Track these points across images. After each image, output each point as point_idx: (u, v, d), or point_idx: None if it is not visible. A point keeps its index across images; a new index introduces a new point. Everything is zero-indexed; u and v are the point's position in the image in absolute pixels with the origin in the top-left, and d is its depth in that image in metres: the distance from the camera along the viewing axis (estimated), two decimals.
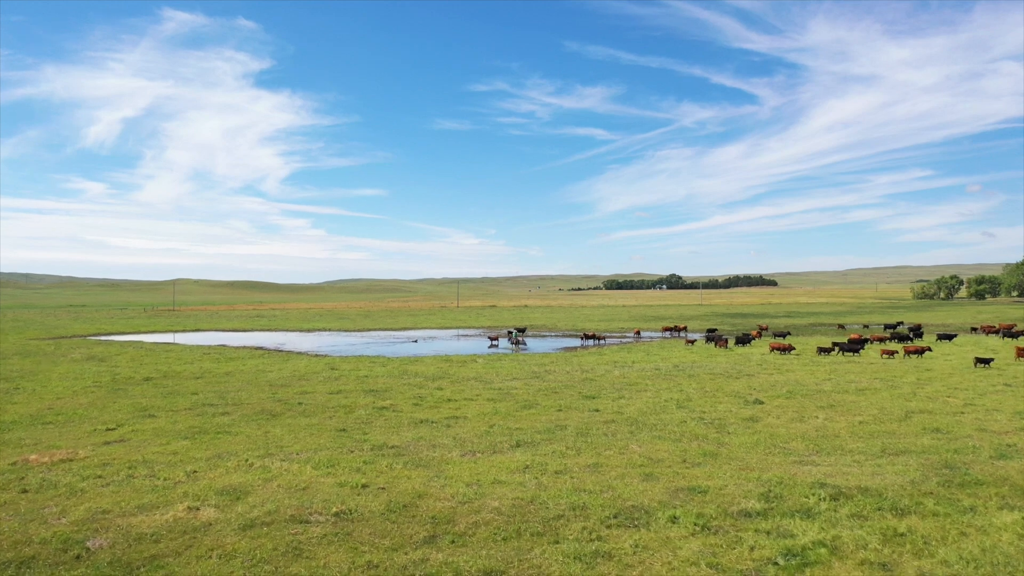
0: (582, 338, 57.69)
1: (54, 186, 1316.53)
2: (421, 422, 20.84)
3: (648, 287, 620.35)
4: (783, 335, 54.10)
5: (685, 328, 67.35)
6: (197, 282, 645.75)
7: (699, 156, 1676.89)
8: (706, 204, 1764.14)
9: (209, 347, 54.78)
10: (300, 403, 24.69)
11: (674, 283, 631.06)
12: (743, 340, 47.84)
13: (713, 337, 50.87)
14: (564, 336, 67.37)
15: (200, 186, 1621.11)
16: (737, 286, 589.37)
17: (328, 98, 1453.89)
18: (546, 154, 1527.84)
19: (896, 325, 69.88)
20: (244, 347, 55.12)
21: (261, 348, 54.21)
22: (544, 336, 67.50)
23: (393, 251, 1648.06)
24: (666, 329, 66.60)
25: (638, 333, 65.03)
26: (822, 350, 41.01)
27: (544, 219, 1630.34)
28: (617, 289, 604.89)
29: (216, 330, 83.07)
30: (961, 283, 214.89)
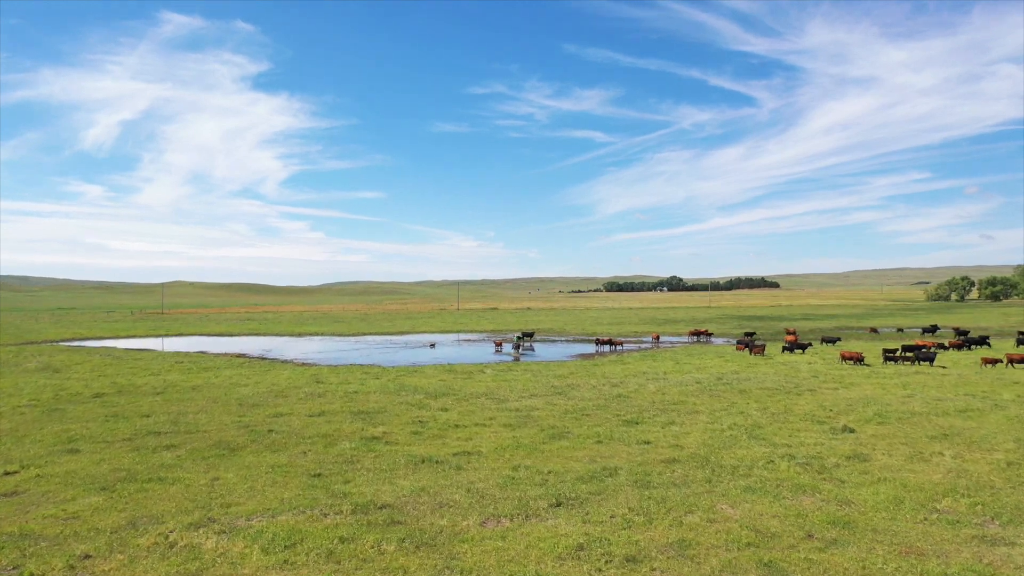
0: (596, 344, 52.77)
1: (53, 189, 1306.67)
2: (423, 461, 15.84)
3: (649, 289, 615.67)
4: (832, 340, 48.70)
5: (710, 333, 62.30)
6: (193, 284, 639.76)
7: (698, 158, 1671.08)
8: (705, 206, 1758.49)
9: (186, 354, 49.76)
10: (270, 430, 19.68)
11: (675, 285, 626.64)
12: (796, 347, 42.74)
13: (747, 342, 45.80)
14: (575, 341, 62.38)
15: (198, 189, 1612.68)
16: (739, 288, 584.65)
17: (326, 101, 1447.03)
18: (544, 156, 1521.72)
19: (933, 329, 64.90)
20: (224, 354, 50.10)
21: (243, 355, 49.20)
22: (554, 341, 62.51)
23: (392, 253, 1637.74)
24: (693, 333, 61.59)
25: (657, 338, 60.03)
26: (889, 359, 36.17)
27: (543, 221, 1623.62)
28: (618, 291, 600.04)
29: (200, 334, 77.97)
30: (972, 284, 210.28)
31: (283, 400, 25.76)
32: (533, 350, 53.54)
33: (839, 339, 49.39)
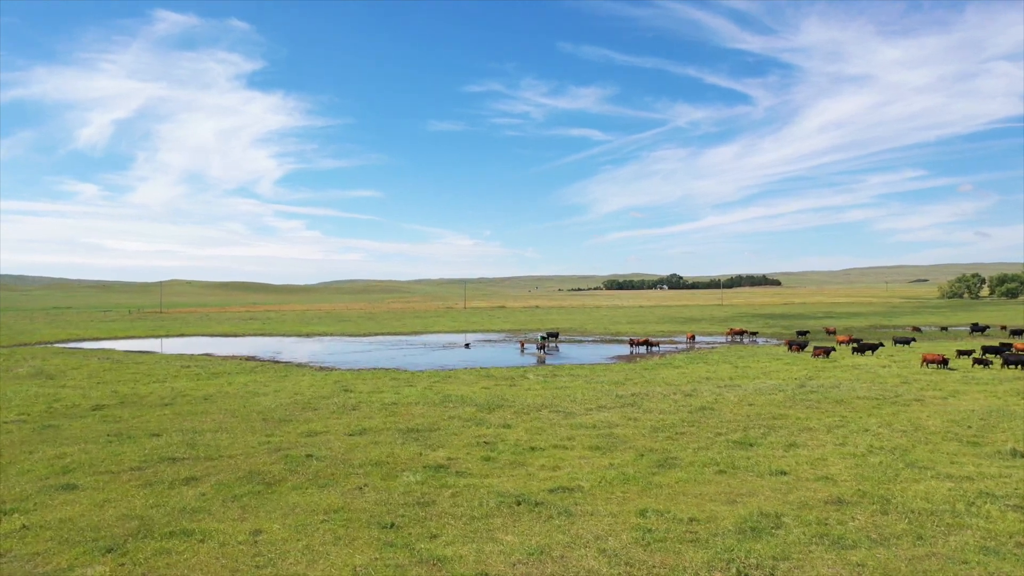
0: (631, 344, 49.32)
1: (48, 188, 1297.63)
2: (517, 502, 12.40)
3: (649, 287, 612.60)
4: (906, 341, 45.00)
5: (754, 332, 58.59)
6: (190, 283, 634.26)
7: (693, 157, 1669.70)
8: (701, 205, 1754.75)
9: (191, 357, 46.20)
10: (309, 456, 16.21)
11: (675, 283, 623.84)
12: (866, 347, 39.37)
13: (801, 343, 42.33)
14: (602, 342, 58.95)
15: (194, 188, 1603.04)
16: (740, 286, 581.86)
17: (322, 99, 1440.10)
18: (541, 155, 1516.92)
19: (983, 328, 61.36)
20: (233, 357, 46.54)
21: (253, 358, 45.66)
22: (580, 342, 59.05)
23: (389, 252, 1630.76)
24: (734, 333, 57.78)
25: (692, 338, 56.58)
26: (977, 361, 32.96)
27: (539, 220, 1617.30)
28: (618, 289, 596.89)
29: (203, 335, 74.34)
30: (982, 281, 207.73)
31: (313, 414, 22.29)
32: (558, 351, 50.29)
33: (913, 340, 45.66)
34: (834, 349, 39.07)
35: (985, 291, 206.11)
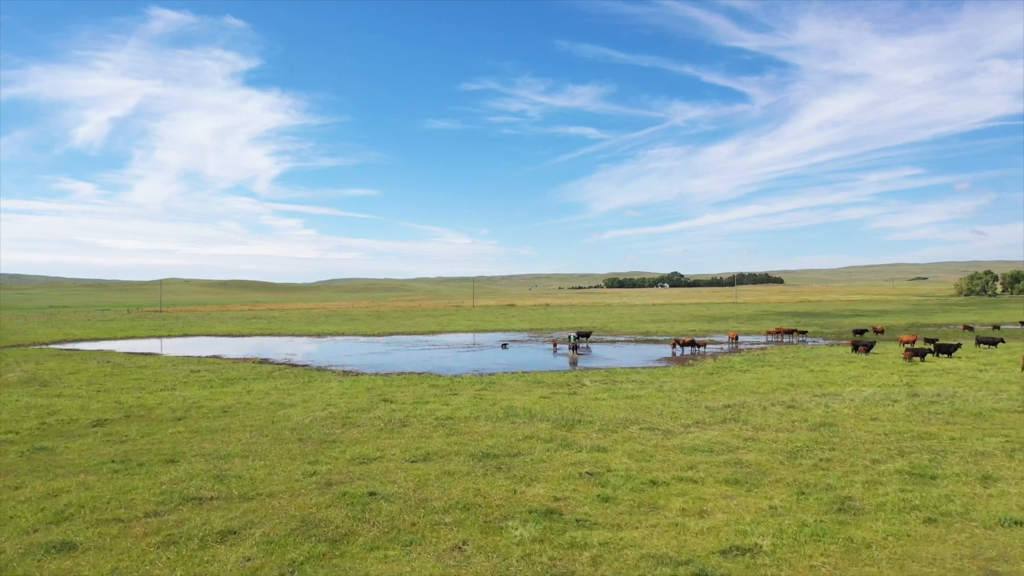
0: (674, 345, 45.74)
1: (44, 187, 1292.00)
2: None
3: (649, 285, 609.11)
4: (992, 342, 41.26)
5: (804, 332, 54.84)
6: (188, 282, 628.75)
7: (690, 155, 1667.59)
8: (698, 203, 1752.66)
9: (199, 359, 42.56)
10: (372, 494, 12.62)
11: (676, 281, 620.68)
12: (947, 349, 35.91)
13: (868, 344, 38.79)
14: (636, 342, 55.36)
15: (190, 187, 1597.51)
16: (742, 284, 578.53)
17: (318, 98, 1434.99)
18: (537, 154, 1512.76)
19: None
20: (244, 360, 42.87)
21: (267, 361, 41.98)
22: (613, 342, 55.42)
23: (386, 251, 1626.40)
24: (783, 332, 54.16)
25: (735, 338, 52.97)
26: None
27: (536, 219, 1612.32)
28: (619, 287, 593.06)
29: (207, 335, 70.64)
30: (995, 279, 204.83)
31: (357, 432, 18.69)
32: (590, 351, 46.82)
33: (1001, 340, 41.98)
34: (930, 351, 35.39)
35: (999, 288, 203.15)
